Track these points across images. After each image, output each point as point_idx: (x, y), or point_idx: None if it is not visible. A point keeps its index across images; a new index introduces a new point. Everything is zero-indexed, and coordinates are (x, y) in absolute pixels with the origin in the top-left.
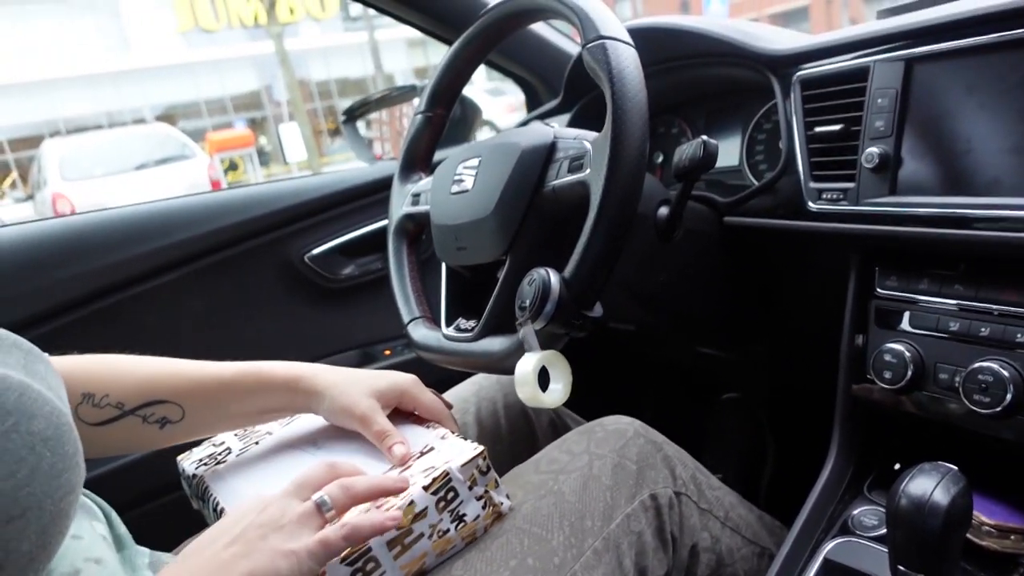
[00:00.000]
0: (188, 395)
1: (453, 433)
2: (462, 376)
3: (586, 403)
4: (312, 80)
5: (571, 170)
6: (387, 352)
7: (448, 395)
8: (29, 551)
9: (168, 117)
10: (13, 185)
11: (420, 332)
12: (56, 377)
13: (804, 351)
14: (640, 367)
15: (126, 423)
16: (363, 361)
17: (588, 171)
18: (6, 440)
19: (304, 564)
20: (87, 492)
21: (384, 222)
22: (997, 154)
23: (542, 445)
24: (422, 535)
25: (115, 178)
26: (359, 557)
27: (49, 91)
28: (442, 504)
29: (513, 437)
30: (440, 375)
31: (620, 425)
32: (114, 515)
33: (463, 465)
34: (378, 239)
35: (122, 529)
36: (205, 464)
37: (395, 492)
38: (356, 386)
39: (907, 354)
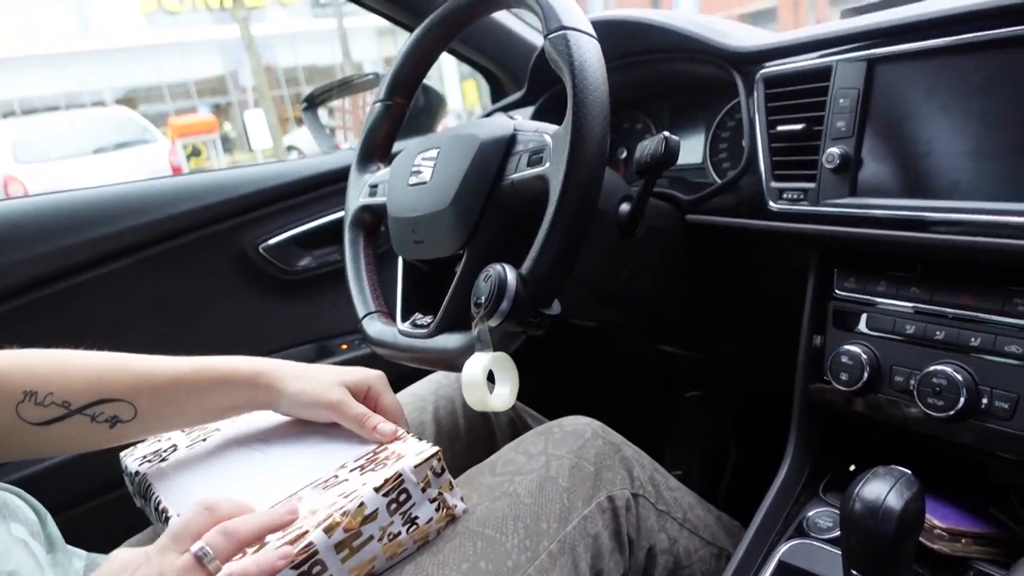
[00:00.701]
0: (140, 393)
1: (408, 433)
2: (420, 374)
3: (547, 400)
4: (279, 66)
5: (531, 164)
6: (344, 347)
7: (406, 393)
8: None
9: (129, 100)
10: None
11: (375, 327)
12: None
13: (765, 351)
14: (602, 365)
15: (73, 422)
16: (319, 355)
17: (547, 165)
18: None
19: None
20: (11, 488)
21: (341, 213)
22: (956, 157)
23: (500, 445)
24: (372, 537)
25: (72, 161)
26: (305, 560)
27: (3, 70)
28: (394, 506)
29: (471, 437)
30: (398, 372)
31: (578, 426)
32: (47, 515)
33: (417, 466)
34: (336, 230)
35: (54, 531)
36: (149, 461)
37: (283, 527)
38: (324, 376)
39: (864, 356)
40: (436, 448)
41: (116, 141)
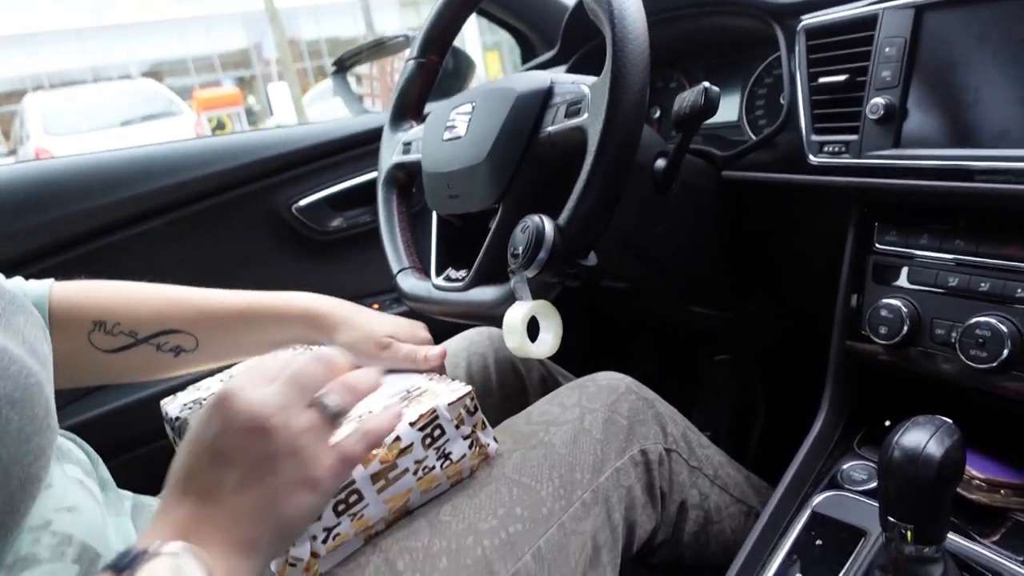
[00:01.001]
0: (200, 325)
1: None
2: (452, 331)
3: (578, 361)
4: (302, 39)
5: (568, 115)
6: (375, 306)
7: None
8: None
9: (155, 74)
10: None
11: (409, 282)
12: (37, 328)
13: (799, 310)
14: (633, 327)
15: (140, 351)
16: None
17: (586, 116)
18: None
19: (328, 495)
20: (64, 433)
21: (373, 174)
22: (1006, 105)
23: (532, 401)
24: (407, 470)
25: (100, 134)
26: (342, 488)
27: (32, 45)
28: (428, 441)
29: (503, 392)
30: (430, 330)
31: (612, 381)
32: (98, 459)
33: (451, 404)
34: (367, 191)
35: (105, 472)
36: (190, 408)
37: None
38: (372, 317)
39: (904, 310)
40: (469, 387)
41: (143, 114)
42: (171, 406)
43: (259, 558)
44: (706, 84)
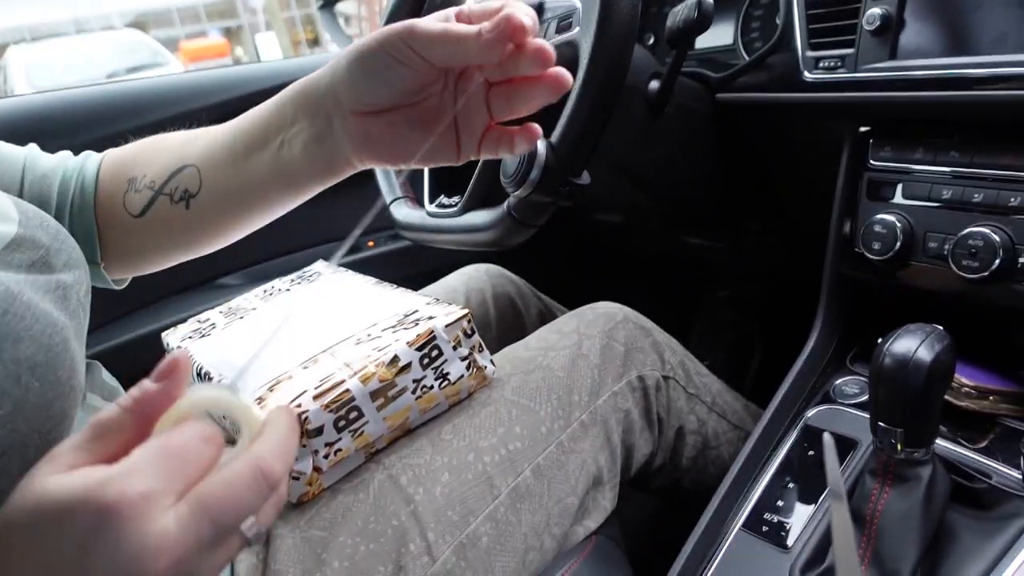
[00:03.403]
0: (200, 153)
1: None
2: (449, 267)
3: (575, 298)
4: None
5: (559, 30)
6: (371, 244)
7: (435, 287)
8: (9, 489)
9: (139, 25)
10: None
11: (403, 211)
12: (78, 266)
13: (795, 232)
14: (629, 263)
15: (159, 206)
16: (346, 252)
17: (577, 30)
18: None
19: None
20: (92, 362)
21: None
22: (1003, 9)
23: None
24: (405, 389)
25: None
26: (341, 406)
27: None
28: (426, 360)
29: (502, 327)
30: (426, 265)
31: (610, 309)
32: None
33: (448, 325)
34: None
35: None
36: (190, 337)
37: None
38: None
39: (898, 225)
40: (466, 310)
41: (129, 65)
42: (171, 337)
43: None
44: None
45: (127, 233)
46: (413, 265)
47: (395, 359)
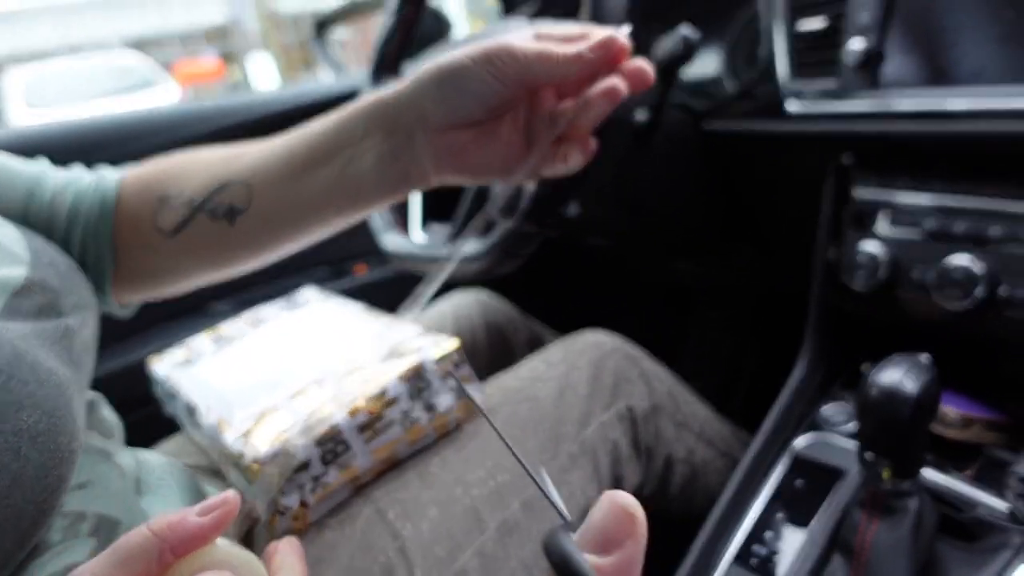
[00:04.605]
0: (254, 170)
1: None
2: (438, 293)
3: (565, 322)
4: (284, 12)
5: None
6: (358, 268)
7: (425, 314)
8: (2, 559)
9: (137, 47)
10: None
11: (394, 240)
12: (86, 307)
13: (781, 260)
14: (617, 287)
15: (197, 223)
16: (334, 276)
17: None
18: None
19: None
20: (94, 398)
21: None
22: (984, 44)
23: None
24: (393, 422)
25: (82, 106)
26: (328, 439)
27: (9, 23)
28: (414, 393)
29: (491, 353)
30: (416, 288)
31: (599, 338)
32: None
33: (438, 359)
34: None
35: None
36: (178, 366)
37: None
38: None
39: (880, 255)
40: (457, 342)
41: (126, 85)
42: (158, 365)
43: None
44: (684, 29)
45: (154, 252)
46: (404, 291)
47: (383, 392)
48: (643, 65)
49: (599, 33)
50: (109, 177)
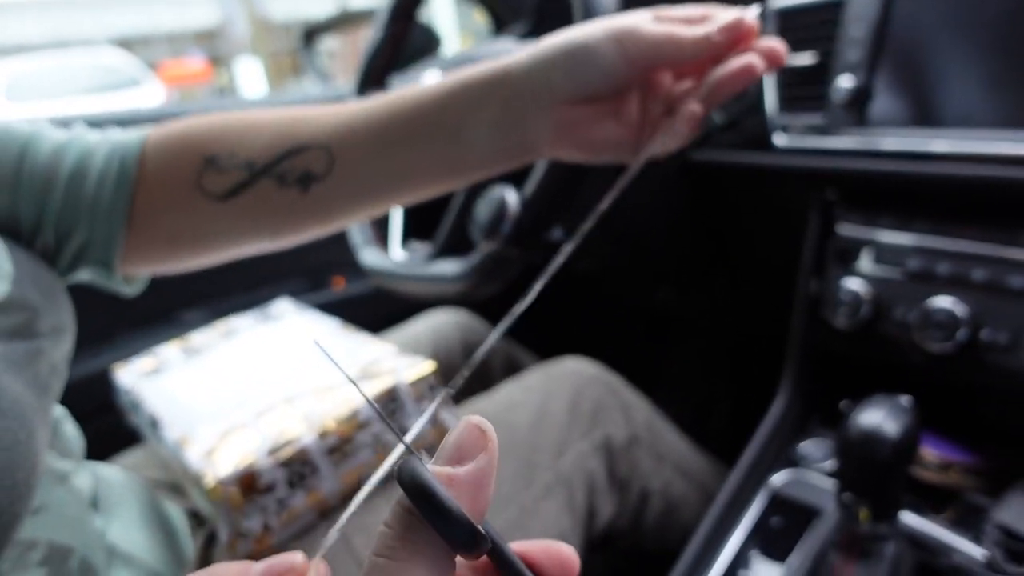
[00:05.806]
0: (332, 134)
1: None
2: (416, 311)
3: (544, 345)
4: (275, 19)
5: None
6: (336, 281)
7: (402, 333)
8: None
9: (123, 45)
10: None
11: (372, 256)
12: (59, 298)
13: (763, 292)
14: (598, 312)
15: (258, 188)
16: (312, 288)
17: None
18: None
19: None
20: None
21: None
22: (972, 88)
23: (497, 384)
24: (364, 445)
25: (65, 101)
26: (295, 460)
27: None
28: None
29: (469, 376)
30: (394, 308)
31: (578, 366)
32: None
33: (413, 382)
34: None
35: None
36: (143, 376)
37: None
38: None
39: (863, 293)
40: (432, 364)
41: (109, 82)
42: (123, 374)
43: None
44: None
45: (191, 215)
46: (381, 307)
47: (354, 414)
48: (777, 44)
49: (724, 15)
50: (128, 135)
